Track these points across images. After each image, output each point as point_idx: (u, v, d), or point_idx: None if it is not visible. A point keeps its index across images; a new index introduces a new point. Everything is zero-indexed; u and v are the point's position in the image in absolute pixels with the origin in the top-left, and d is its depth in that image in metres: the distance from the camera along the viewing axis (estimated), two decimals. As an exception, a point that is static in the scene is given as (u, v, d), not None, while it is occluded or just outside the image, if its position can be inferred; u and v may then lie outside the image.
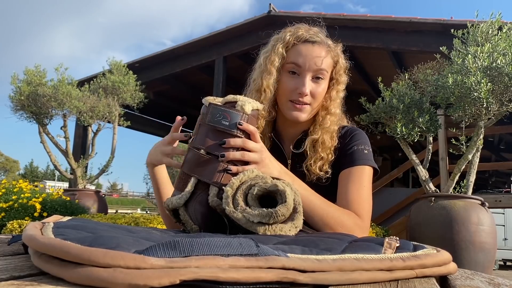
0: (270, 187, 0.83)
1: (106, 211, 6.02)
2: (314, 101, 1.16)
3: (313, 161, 1.17)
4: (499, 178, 13.55)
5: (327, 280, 0.50)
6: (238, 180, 0.87)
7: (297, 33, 1.18)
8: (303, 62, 1.15)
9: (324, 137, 1.18)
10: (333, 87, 1.21)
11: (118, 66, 6.70)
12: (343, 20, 6.28)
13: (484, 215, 3.49)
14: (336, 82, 1.21)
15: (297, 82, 1.15)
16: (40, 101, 5.72)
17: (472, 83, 3.16)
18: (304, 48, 1.16)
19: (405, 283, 0.55)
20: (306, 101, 1.15)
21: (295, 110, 1.16)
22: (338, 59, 1.21)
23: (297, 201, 0.84)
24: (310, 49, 1.16)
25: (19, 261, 0.56)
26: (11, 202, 4.83)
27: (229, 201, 0.83)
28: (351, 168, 1.15)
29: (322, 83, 1.17)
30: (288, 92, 1.16)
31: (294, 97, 1.15)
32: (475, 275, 0.64)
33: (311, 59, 1.14)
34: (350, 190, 1.12)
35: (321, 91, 1.17)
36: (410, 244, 0.66)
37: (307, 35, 1.17)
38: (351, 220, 1.05)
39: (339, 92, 1.21)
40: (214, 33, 7.36)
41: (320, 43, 1.17)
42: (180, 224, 0.92)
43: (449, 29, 3.71)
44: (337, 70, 1.21)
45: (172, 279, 0.42)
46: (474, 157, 3.72)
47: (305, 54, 1.15)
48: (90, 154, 6.52)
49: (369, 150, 1.20)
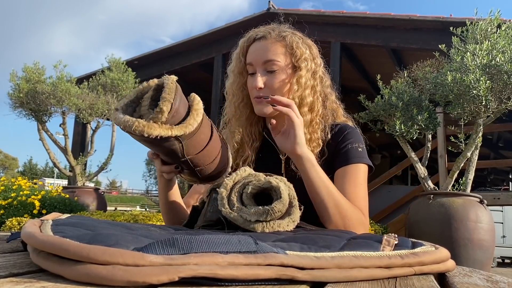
0: (264, 184, 0.83)
1: (105, 208, 6.03)
2: (273, 91, 1.16)
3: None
4: (498, 175, 13.57)
5: (326, 277, 0.50)
6: (231, 180, 0.87)
7: (248, 36, 1.22)
8: (252, 60, 1.19)
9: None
10: (297, 73, 1.18)
11: (117, 63, 6.69)
12: (342, 17, 6.27)
13: (483, 213, 3.50)
14: (298, 68, 1.19)
15: (253, 79, 1.18)
16: (39, 99, 5.71)
17: (471, 81, 3.16)
18: (253, 47, 1.20)
19: (403, 281, 0.55)
20: (262, 94, 1.17)
21: (257, 105, 1.19)
22: (293, 45, 1.18)
23: (292, 195, 0.85)
24: (257, 46, 1.19)
25: (18, 258, 0.56)
26: (10, 199, 4.83)
27: (224, 202, 0.83)
28: (346, 167, 1.15)
29: (277, 73, 1.17)
30: (250, 91, 1.21)
31: (254, 93, 1.19)
32: (473, 272, 0.65)
33: (258, 55, 1.18)
34: (347, 189, 1.12)
35: (276, 81, 1.17)
36: (409, 241, 0.66)
37: (254, 35, 1.21)
38: (357, 215, 1.07)
39: (300, 78, 1.17)
40: (213, 30, 7.35)
41: (265, 37, 1.18)
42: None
43: (448, 27, 3.71)
44: (296, 56, 1.18)
45: (170, 276, 0.42)
46: (473, 155, 3.73)
47: (252, 51, 1.20)
48: (89, 152, 6.52)
49: (363, 147, 1.20)
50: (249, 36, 1.22)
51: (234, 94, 1.24)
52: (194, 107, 0.84)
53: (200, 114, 0.84)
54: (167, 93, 0.78)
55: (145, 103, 0.82)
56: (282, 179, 0.87)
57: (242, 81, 1.23)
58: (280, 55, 1.17)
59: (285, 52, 1.18)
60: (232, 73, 1.25)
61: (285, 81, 1.18)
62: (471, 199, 3.58)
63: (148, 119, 0.77)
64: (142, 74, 7.27)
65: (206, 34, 7.39)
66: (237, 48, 1.26)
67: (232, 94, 1.25)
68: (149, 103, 0.82)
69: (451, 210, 3.47)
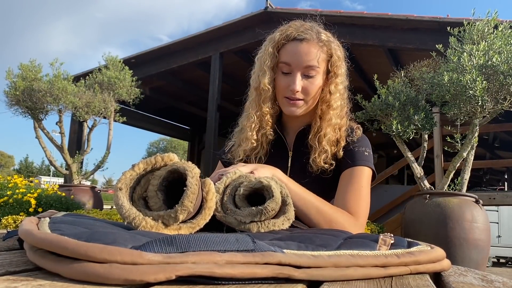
0: (255, 184, 0.84)
1: (102, 207, 6.01)
2: (308, 96, 1.20)
3: (317, 154, 1.19)
4: (494, 175, 13.63)
5: (322, 276, 0.51)
6: (222, 184, 0.86)
7: (287, 32, 1.20)
8: (292, 61, 1.18)
9: (327, 130, 1.20)
10: (331, 80, 1.22)
11: (114, 61, 6.67)
12: (339, 17, 6.27)
13: (478, 213, 3.51)
14: (333, 75, 1.22)
15: (289, 80, 1.19)
16: (35, 96, 5.68)
17: (467, 81, 3.17)
18: (293, 46, 1.19)
19: (399, 280, 0.55)
20: (299, 97, 1.19)
21: (289, 106, 1.21)
22: (332, 52, 1.22)
23: (285, 193, 0.85)
24: (299, 47, 1.18)
25: (15, 257, 0.56)
26: (5, 197, 4.81)
27: (217, 207, 0.82)
28: (351, 169, 1.18)
29: (315, 79, 1.19)
30: (282, 89, 1.21)
31: (287, 94, 1.20)
32: (468, 271, 0.65)
33: (299, 57, 1.17)
34: (349, 190, 1.14)
35: (314, 87, 1.19)
36: (405, 241, 0.67)
37: (295, 33, 1.19)
38: (344, 217, 1.07)
39: (337, 85, 1.22)
40: (211, 29, 7.34)
41: (309, 39, 1.18)
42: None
43: (445, 27, 3.72)
44: (332, 63, 1.22)
45: (168, 275, 0.42)
46: (469, 155, 3.74)
47: (293, 52, 1.18)
48: (86, 150, 6.49)
49: (369, 153, 1.23)
50: (288, 33, 1.20)
51: (262, 87, 1.22)
52: (207, 204, 0.74)
53: (212, 210, 0.75)
54: (189, 199, 0.67)
55: (154, 182, 0.72)
56: (273, 178, 0.87)
57: (272, 76, 1.22)
58: (321, 61, 1.19)
59: (324, 59, 1.21)
60: (266, 66, 1.21)
61: (319, 86, 1.21)
62: (467, 199, 3.59)
63: (157, 216, 0.68)
64: (139, 73, 7.25)
65: (204, 33, 7.38)
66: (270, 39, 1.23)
67: (259, 86, 1.23)
68: (158, 184, 0.72)
69: (447, 210, 3.48)
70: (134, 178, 0.72)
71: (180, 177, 0.71)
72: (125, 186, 0.71)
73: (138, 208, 0.70)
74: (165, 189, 0.73)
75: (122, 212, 0.67)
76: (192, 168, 0.71)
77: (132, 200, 0.72)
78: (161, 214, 0.68)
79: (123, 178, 0.71)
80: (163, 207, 0.71)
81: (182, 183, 0.69)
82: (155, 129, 11.38)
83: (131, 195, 0.72)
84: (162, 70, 8.01)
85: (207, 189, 0.75)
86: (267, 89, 1.21)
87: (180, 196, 0.68)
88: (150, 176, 0.73)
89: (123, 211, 0.67)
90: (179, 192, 0.69)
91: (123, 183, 0.70)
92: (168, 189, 0.74)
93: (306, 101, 1.21)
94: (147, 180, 0.74)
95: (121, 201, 0.68)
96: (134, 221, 0.66)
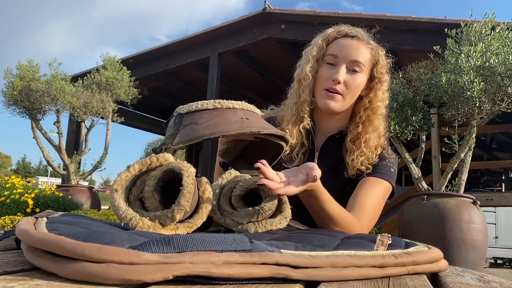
0: (251, 185, 0.83)
1: (99, 207, 6.00)
2: (347, 91, 1.19)
3: (355, 155, 1.19)
4: (491, 177, 13.66)
5: (320, 276, 0.51)
6: (218, 186, 0.86)
7: (339, 29, 1.23)
8: (339, 52, 1.19)
9: (370, 136, 1.20)
10: (377, 86, 1.22)
11: (112, 61, 6.66)
12: (337, 18, 6.28)
13: (476, 214, 3.51)
14: (378, 81, 1.23)
15: (333, 71, 1.19)
16: (33, 96, 5.67)
17: (465, 82, 3.18)
18: (343, 41, 1.21)
19: (396, 280, 0.56)
20: (338, 89, 1.18)
21: (327, 98, 1.19)
22: (379, 58, 1.23)
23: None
24: (348, 42, 1.20)
25: (12, 256, 0.56)
26: (3, 197, 4.80)
27: (214, 209, 0.82)
28: (375, 178, 1.18)
29: (358, 76, 1.19)
30: (324, 80, 1.20)
31: (328, 85, 1.19)
32: (465, 272, 0.65)
33: (348, 50, 1.19)
34: (363, 196, 1.13)
35: (355, 83, 1.19)
36: (402, 241, 0.67)
37: (348, 31, 1.22)
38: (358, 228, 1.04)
39: (384, 93, 1.23)
40: (209, 29, 7.33)
41: (359, 38, 1.21)
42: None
43: (443, 28, 3.72)
44: (378, 69, 1.23)
45: (165, 275, 0.42)
46: (467, 156, 3.75)
47: (342, 46, 1.20)
48: (83, 150, 6.48)
49: (395, 171, 1.23)
50: (340, 30, 1.23)
51: (304, 76, 1.23)
52: (204, 204, 0.74)
53: (208, 209, 0.74)
54: (185, 199, 0.67)
55: (150, 183, 0.72)
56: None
57: (315, 66, 1.23)
58: (366, 61, 1.20)
59: (370, 61, 1.22)
60: (311, 56, 1.23)
61: (360, 84, 1.21)
62: (464, 200, 3.60)
63: (154, 216, 0.68)
64: (137, 73, 7.24)
65: (202, 33, 7.37)
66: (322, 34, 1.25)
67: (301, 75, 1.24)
68: (154, 184, 0.72)
69: (445, 210, 3.49)
70: (129, 179, 0.72)
71: (176, 177, 0.71)
72: (121, 187, 0.70)
73: (134, 209, 0.70)
74: (161, 190, 0.73)
75: (118, 213, 0.67)
76: (187, 168, 0.71)
77: (128, 201, 0.72)
78: (158, 214, 0.68)
79: (119, 180, 0.70)
80: (160, 208, 0.71)
81: (178, 183, 0.69)
82: (153, 129, 11.37)
83: (127, 196, 0.72)
84: (160, 71, 8.00)
85: (203, 188, 0.75)
86: (307, 78, 1.21)
87: (176, 196, 0.68)
88: (146, 177, 0.73)
89: (119, 213, 0.67)
90: (175, 192, 0.69)
91: (119, 184, 0.70)
92: (164, 190, 0.74)
93: (344, 97, 1.19)
94: (143, 181, 0.73)
95: (117, 203, 0.68)
96: (131, 222, 0.66)
